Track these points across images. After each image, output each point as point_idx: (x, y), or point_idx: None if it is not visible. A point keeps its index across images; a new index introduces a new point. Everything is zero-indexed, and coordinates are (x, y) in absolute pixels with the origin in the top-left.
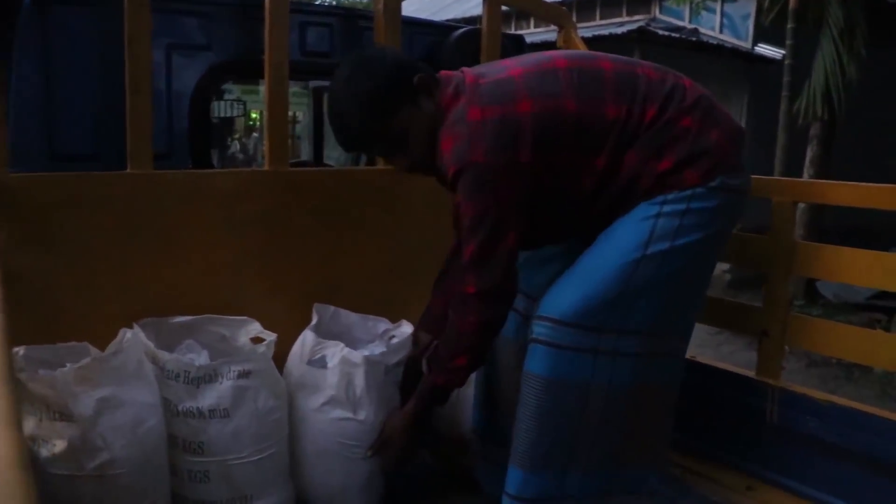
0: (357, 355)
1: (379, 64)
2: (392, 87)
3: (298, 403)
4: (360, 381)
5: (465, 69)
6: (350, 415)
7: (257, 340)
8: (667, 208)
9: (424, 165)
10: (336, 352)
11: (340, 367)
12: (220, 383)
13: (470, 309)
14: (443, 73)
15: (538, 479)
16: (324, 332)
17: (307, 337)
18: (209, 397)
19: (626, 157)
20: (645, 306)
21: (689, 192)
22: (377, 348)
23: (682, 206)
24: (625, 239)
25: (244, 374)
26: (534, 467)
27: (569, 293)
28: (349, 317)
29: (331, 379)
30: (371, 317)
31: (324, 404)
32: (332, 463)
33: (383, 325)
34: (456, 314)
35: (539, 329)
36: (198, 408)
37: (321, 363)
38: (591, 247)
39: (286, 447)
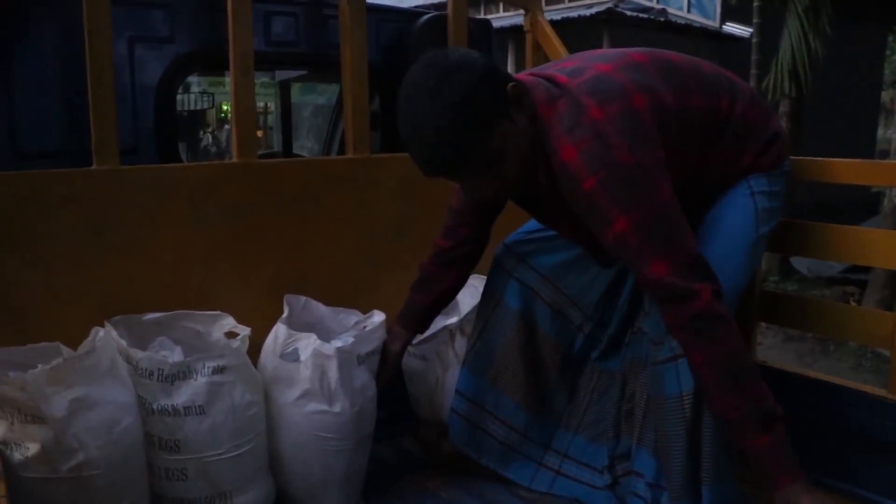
0: (329, 347)
1: (470, 70)
2: (488, 95)
3: (274, 397)
4: (333, 373)
5: (532, 73)
6: (326, 407)
7: (231, 335)
8: (756, 188)
9: (519, 185)
10: (308, 344)
11: (313, 359)
12: (195, 380)
13: (721, 322)
14: (515, 77)
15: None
16: (296, 324)
17: (279, 330)
18: (184, 394)
19: (712, 155)
20: None
21: (766, 175)
22: (349, 338)
23: (766, 188)
24: (736, 222)
25: (219, 370)
26: (720, 482)
27: None
28: (320, 308)
29: (304, 372)
30: (342, 309)
31: (299, 398)
32: (310, 456)
33: (355, 316)
34: (712, 344)
35: None
36: (173, 405)
37: (294, 356)
38: (701, 238)
39: (264, 442)
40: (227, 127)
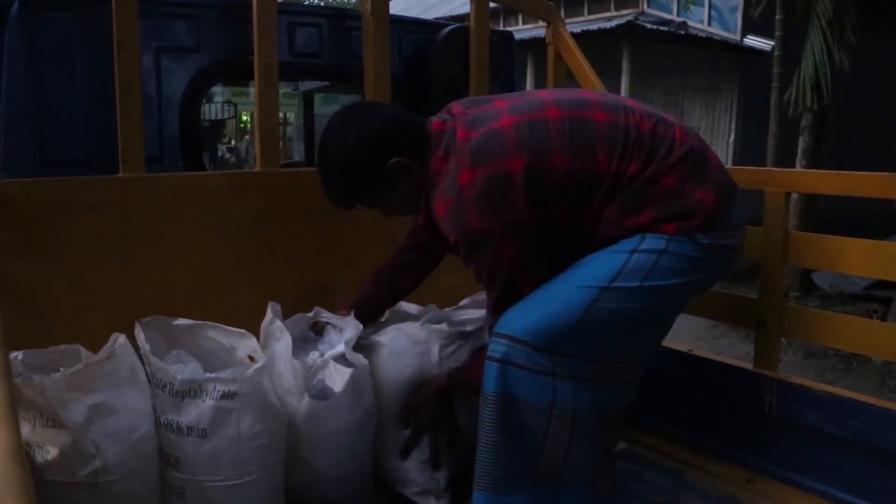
0: (358, 358)
1: (357, 146)
2: (367, 169)
3: (307, 435)
4: (367, 383)
5: (455, 112)
6: (362, 416)
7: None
8: (645, 245)
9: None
10: (336, 372)
11: (352, 385)
12: (203, 401)
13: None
14: (435, 124)
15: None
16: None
17: (296, 367)
18: (191, 413)
19: (606, 212)
20: (601, 336)
21: (667, 237)
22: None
23: (660, 246)
24: (595, 268)
25: (228, 396)
26: (495, 489)
27: (528, 312)
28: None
29: (345, 402)
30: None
31: (338, 427)
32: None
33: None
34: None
35: (495, 346)
36: (177, 422)
37: (324, 394)
38: (564, 270)
39: (274, 474)
40: (246, 137)
